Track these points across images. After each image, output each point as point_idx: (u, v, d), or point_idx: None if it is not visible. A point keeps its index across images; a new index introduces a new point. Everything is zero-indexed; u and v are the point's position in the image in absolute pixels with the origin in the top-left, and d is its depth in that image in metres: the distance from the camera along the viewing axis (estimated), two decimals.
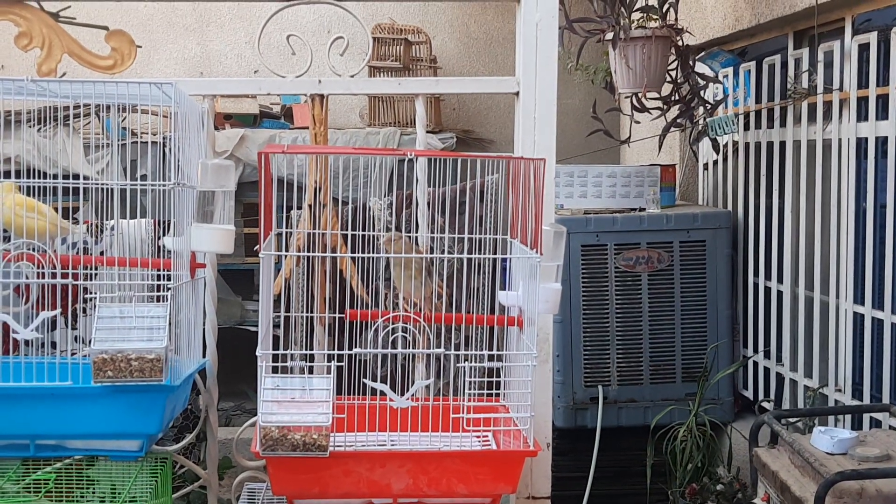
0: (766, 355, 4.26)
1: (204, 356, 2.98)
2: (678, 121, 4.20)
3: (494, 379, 2.56)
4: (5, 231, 2.71)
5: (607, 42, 3.91)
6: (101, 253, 3.98)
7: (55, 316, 2.52)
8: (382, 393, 2.37)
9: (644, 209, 4.38)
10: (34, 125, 4.86)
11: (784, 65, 4.07)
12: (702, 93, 4.17)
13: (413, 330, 2.42)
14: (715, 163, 4.80)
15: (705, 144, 4.79)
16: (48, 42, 2.83)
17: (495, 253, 2.72)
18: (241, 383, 5.14)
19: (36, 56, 2.88)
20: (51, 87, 2.66)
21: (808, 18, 3.77)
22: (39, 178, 2.71)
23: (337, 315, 2.76)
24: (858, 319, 3.60)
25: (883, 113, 3.43)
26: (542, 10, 2.84)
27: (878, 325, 3.50)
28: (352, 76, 2.94)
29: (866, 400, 3.56)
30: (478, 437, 2.57)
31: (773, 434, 3.00)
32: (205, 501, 3.33)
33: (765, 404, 4.23)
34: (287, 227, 2.94)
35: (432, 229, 3.05)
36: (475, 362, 2.42)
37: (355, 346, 2.47)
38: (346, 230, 2.85)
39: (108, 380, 2.41)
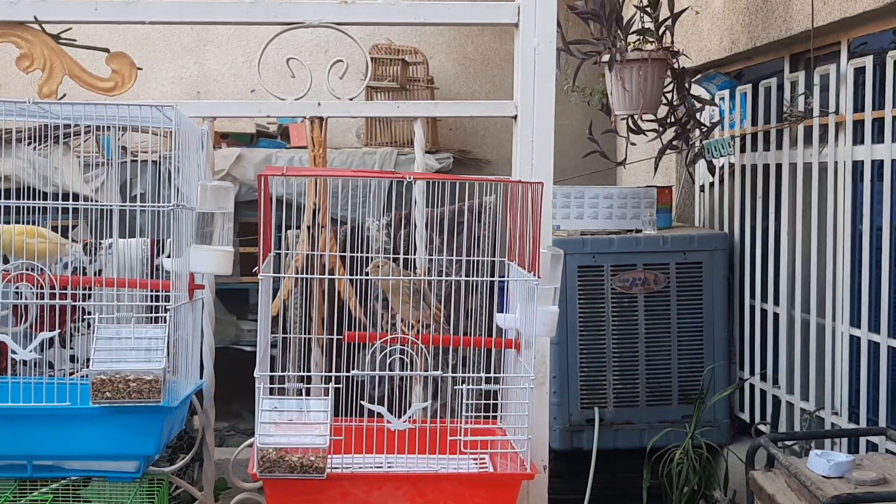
0: (763, 378, 4.27)
1: (201, 377, 2.97)
2: (674, 143, 4.22)
3: (492, 401, 2.57)
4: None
5: (604, 64, 3.93)
6: (98, 272, 3.98)
7: (52, 336, 2.52)
8: (380, 415, 2.37)
9: (640, 231, 4.39)
10: (33, 144, 4.87)
11: (780, 87, 4.09)
12: (698, 115, 4.19)
13: (410, 352, 2.42)
14: (711, 185, 4.81)
15: (701, 166, 4.81)
16: (49, 64, 2.84)
17: (492, 275, 2.73)
18: (235, 403, 5.13)
19: (35, 77, 2.89)
20: (52, 108, 2.67)
21: (804, 42, 3.79)
22: (36, 196, 2.72)
23: (334, 336, 2.76)
24: (855, 342, 3.61)
25: (879, 136, 3.45)
26: (541, 34, 2.86)
27: (874, 348, 3.50)
28: (350, 99, 2.95)
29: (863, 423, 3.56)
30: (475, 459, 2.57)
31: (769, 457, 3.00)
32: None
33: (761, 427, 4.23)
34: (284, 248, 2.95)
35: (429, 250, 3.05)
36: (472, 384, 2.42)
37: (352, 368, 2.47)
38: (344, 251, 2.86)
39: (107, 401, 2.41)
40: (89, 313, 2.74)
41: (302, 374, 2.74)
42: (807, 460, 2.85)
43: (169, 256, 2.67)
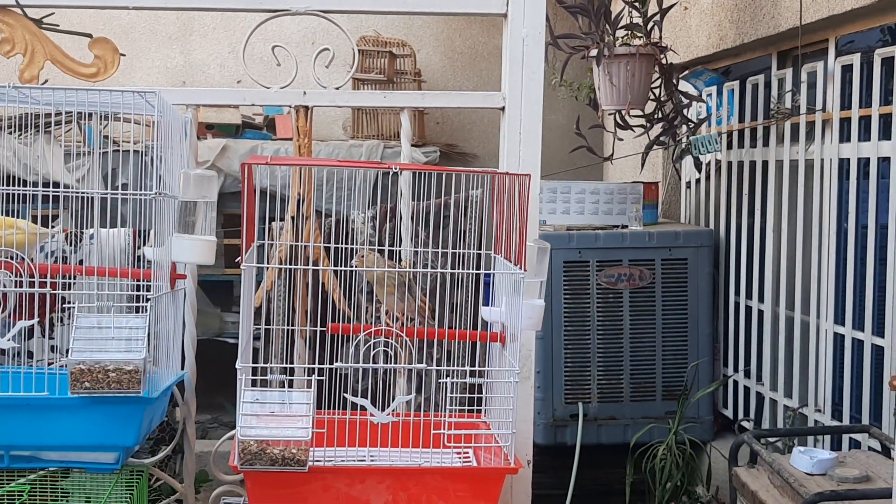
0: (747, 374, 4.27)
1: (182, 368, 2.95)
2: (661, 139, 4.21)
3: (476, 395, 2.55)
4: None
5: (592, 59, 3.91)
6: (80, 262, 3.94)
7: (32, 325, 2.49)
8: (363, 408, 2.35)
9: (626, 226, 4.38)
10: (14, 132, 4.82)
11: (767, 84, 4.09)
12: (685, 111, 4.18)
13: (394, 344, 2.40)
14: (697, 181, 4.81)
15: (688, 162, 4.80)
16: (31, 49, 2.80)
17: (478, 268, 2.71)
18: (218, 396, 5.09)
19: (16, 61, 2.85)
20: (33, 93, 2.63)
21: (792, 39, 3.79)
22: (18, 185, 2.68)
23: (318, 328, 2.74)
24: (839, 340, 3.61)
25: (865, 134, 3.45)
26: (529, 25, 2.84)
27: (858, 345, 3.51)
28: (337, 88, 2.93)
29: (846, 420, 3.57)
30: (458, 453, 2.56)
31: (752, 453, 2.99)
32: None
33: (745, 423, 4.23)
34: (268, 239, 2.92)
35: (415, 243, 3.03)
36: (457, 378, 2.40)
37: (336, 360, 2.45)
38: (329, 243, 2.84)
39: (86, 391, 2.38)
40: (68, 301, 2.71)
41: (285, 366, 2.72)
42: (790, 457, 2.85)
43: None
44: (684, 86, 4.47)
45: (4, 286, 2.58)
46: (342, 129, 6.14)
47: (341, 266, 2.72)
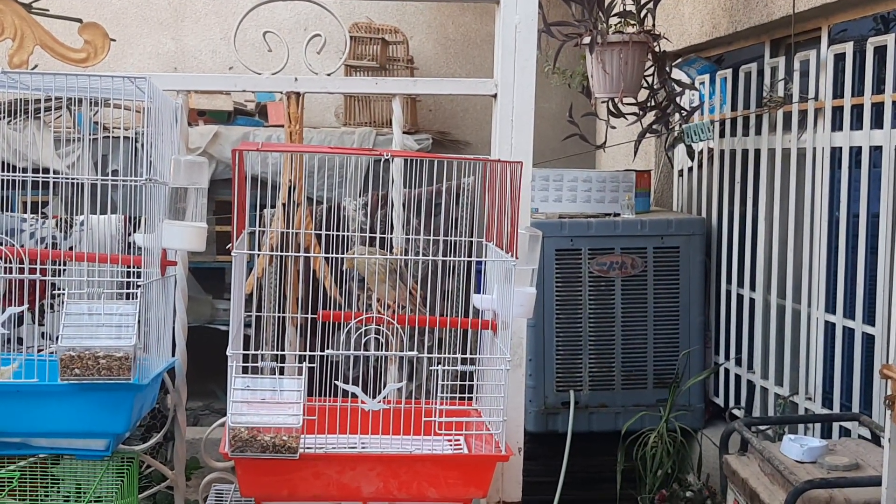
0: (738, 363, 4.28)
1: (173, 355, 2.94)
2: (654, 127, 4.21)
3: (467, 382, 2.55)
4: None
5: (585, 46, 3.91)
6: (71, 248, 3.92)
7: (22, 312, 2.48)
8: (354, 395, 2.35)
9: (618, 214, 4.38)
10: (4, 117, 4.79)
11: (760, 73, 4.09)
12: (678, 99, 4.18)
13: (386, 332, 2.40)
14: (690, 169, 4.81)
15: (680, 151, 4.80)
16: (20, 33, 2.78)
17: (470, 255, 2.71)
18: (210, 383, 5.09)
19: (6, 47, 2.83)
20: (22, 79, 2.61)
21: (784, 27, 3.79)
22: (8, 171, 2.67)
23: (309, 315, 2.73)
24: (830, 328, 3.62)
25: (857, 123, 3.45)
26: (522, 11, 2.83)
27: (848, 334, 3.51)
28: (328, 74, 2.92)
29: (836, 409, 3.58)
30: (449, 440, 2.56)
31: (743, 441, 3.00)
32: (171, 502, 3.29)
33: (735, 412, 4.24)
34: (259, 226, 2.91)
35: (407, 231, 3.03)
36: (448, 365, 2.40)
37: (327, 348, 2.44)
38: (320, 230, 2.83)
39: (75, 378, 2.37)
40: (59, 288, 2.69)
41: (276, 353, 2.71)
42: (780, 445, 2.86)
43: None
44: (677, 74, 4.46)
45: None
46: (334, 116, 6.12)
47: (333, 254, 2.71)
